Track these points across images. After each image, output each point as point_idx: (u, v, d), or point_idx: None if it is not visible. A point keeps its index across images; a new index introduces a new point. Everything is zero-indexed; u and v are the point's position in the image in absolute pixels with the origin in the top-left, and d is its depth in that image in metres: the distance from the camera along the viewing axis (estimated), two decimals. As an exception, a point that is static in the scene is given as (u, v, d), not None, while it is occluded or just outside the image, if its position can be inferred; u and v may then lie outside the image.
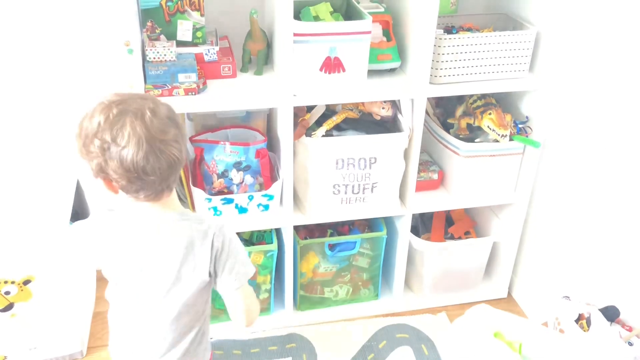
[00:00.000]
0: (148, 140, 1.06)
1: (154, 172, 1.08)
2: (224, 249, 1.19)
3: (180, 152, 1.12)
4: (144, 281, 1.20)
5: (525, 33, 1.72)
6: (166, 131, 1.09)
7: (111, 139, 1.06)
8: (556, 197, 1.90)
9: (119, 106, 1.08)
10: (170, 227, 1.18)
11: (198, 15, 1.67)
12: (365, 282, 2.08)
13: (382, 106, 1.80)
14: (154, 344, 1.25)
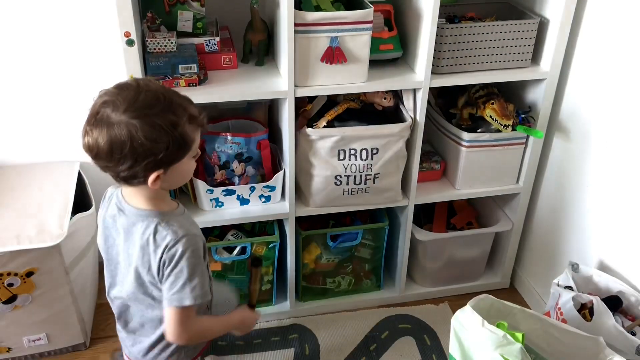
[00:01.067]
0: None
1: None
2: (169, 266, 1.18)
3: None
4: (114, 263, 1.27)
5: (528, 22, 1.71)
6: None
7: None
8: (559, 186, 1.90)
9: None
10: (133, 221, 1.20)
11: (198, 6, 1.66)
12: (367, 273, 2.08)
13: (383, 97, 1.80)
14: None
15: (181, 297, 1.19)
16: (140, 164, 1.10)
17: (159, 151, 1.09)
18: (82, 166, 2.02)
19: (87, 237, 1.89)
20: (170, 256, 1.17)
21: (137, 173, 1.12)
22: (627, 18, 1.53)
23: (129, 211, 1.21)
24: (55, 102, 1.94)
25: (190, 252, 1.18)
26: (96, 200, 1.95)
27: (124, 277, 1.26)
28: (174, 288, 1.19)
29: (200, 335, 1.30)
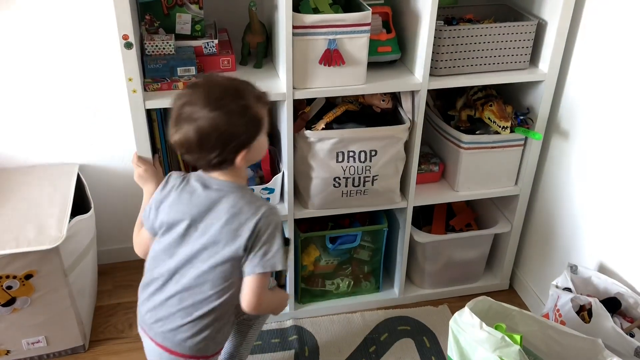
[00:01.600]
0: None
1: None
2: (265, 233, 1.28)
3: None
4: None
5: (526, 24, 1.71)
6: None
7: None
8: (558, 188, 1.90)
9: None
10: (224, 193, 1.30)
11: (197, 8, 1.66)
12: (366, 275, 2.09)
13: (382, 98, 1.80)
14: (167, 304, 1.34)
15: (274, 262, 1.29)
16: (227, 148, 1.24)
17: (239, 134, 1.24)
18: (81, 168, 2.03)
19: (86, 240, 1.89)
20: (266, 224, 1.28)
21: (226, 157, 1.26)
22: (624, 19, 1.54)
23: (218, 185, 1.31)
24: (55, 104, 1.94)
25: (280, 223, 1.33)
26: (95, 202, 1.96)
27: (179, 248, 1.32)
28: (268, 254, 1.28)
29: (267, 304, 1.40)
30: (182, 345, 1.34)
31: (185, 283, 1.32)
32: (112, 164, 2.08)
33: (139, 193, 1.69)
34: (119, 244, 2.25)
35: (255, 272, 1.28)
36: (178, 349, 1.35)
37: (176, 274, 1.33)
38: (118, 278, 2.21)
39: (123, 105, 1.92)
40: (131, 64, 1.48)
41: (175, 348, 1.35)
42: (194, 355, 1.36)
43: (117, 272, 2.23)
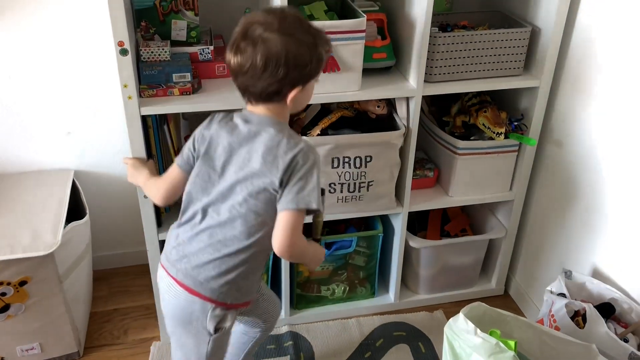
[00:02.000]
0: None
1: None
2: (302, 168, 1.24)
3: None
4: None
5: (520, 31, 1.72)
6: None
7: None
8: (552, 193, 1.91)
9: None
10: (263, 126, 1.28)
11: (192, 15, 1.67)
12: (361, 281, 2.09)
13: (377, 105, 1.80)
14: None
15: (309, 200, 1.24)
16: (288, 77, 1.21)
17: (305, 64, 1.22)
18: (76, 174, 2.02)
19: (81, 246, 1.89)
20: (304, 159, 1.24)
21: (283, 87, 1.23)
22: (617, 26, 1.55)
23: (259, 119, 1.29)
24: (50, 109, 1.94)
25: (319, 165, 1.28)
26: (90, 208, 1.96)
27: (215, 183, 1.30)
28: (303, 191, 1.24)
29: (301, 251, 1.32)
30: (204, 286, 1.29)
31: (217, 218, 1.29)
32: (108, 170, 2.08)
33: (134, 198, 1.70)
34: (115, 249, 2.24)
35: (288, 208, 1.24)
36: (199, 289, 1.30)
37: (210, 210, 1.30)
38: (113, 284, 2.20)
39: (118, 111, 1.92)
40: (127, 71, 1.48)
41: (197, 288, 1.30)
42: (214, 299, 1.31)
43: (112, 278, 2.22)
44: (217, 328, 1.35)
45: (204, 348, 1.37)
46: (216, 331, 1.35)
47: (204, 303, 1.31)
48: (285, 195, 1.24)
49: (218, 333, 1.36)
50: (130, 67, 1.48)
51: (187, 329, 1.36)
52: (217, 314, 1.33)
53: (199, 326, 1.34)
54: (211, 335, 1.35)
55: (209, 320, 1.33)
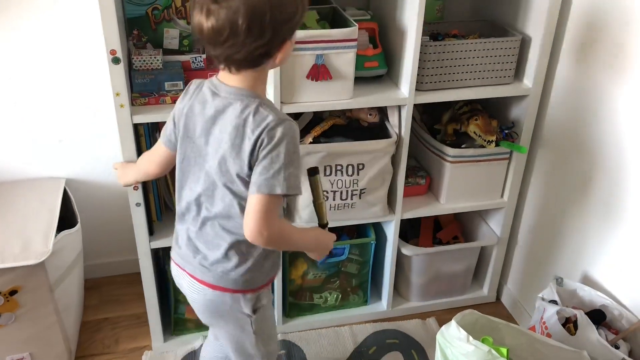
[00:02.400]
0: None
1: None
2: (267, 147, 1.12)
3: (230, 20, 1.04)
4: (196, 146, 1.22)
5: (510, 40, 1.74)
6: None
7: None
8: (543, 201, 1.92)
9: None
10: (232, 100, 1.16)
11: (184, 23, 1.67)
12: (354, 288, 2.09)
13: (369, 113, 1.81)
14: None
15: (273, 183, 1.12)
16: (279, 33, 1.08)
17: (293, 14, 1.08)
18: (67, 183, 2.02)
19: (73, 255, 1.88)
20: (269, 137, 1.12)
21: (272, 48, 1.10)
22: (606, 34, 1.57)
23: (227, 91, 1.16)
24: (42, 117, 1.94)
25: (290, 137, 1.14)
26: (82, 217, 1.95)
27: (202, 169, 1.21)
28: (267, 173, 1.12)
29: (279, 237, 1.19)
30: (224, 279, 1.25)
31: (213, 210, 1.22)
32: (99, 178, 2.08)
33: (126, 206, 1.69)
34: (106, 258, 2.23)
35: (252, 192, 1.14)
36: (222, 282, 1.25)
37: (202, 200, 1.23)
38: (105, 293, 2.19)
39: (110, 119, 1.91)
40: (119, 79, 1.48)
41: (219, 282, 1.25)
42: (240, 289, 1.26)
43: (103, 287, 2.21)
44: (254, 309, 1.32)
45: (250, 329, 1.34)
46: (255, 311, 1.32)
47: (233, 294, 1.27)
48: (254, 177, 1.14)
49: (257, 312, 1.33)
50: (122, 76, 1.48)
51: (225, 318, 1.33)
52: (250, 298, 1.30)
53: (237, 313, 1.31)
54: (251, 317, 1.32)
55: (244, 306, 1.30)
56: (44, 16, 1.79)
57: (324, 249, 1.36)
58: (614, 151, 1.58)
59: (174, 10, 1.64)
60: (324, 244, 1.36)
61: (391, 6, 1.72)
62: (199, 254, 1.27)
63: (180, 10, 1.65)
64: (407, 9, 1.63)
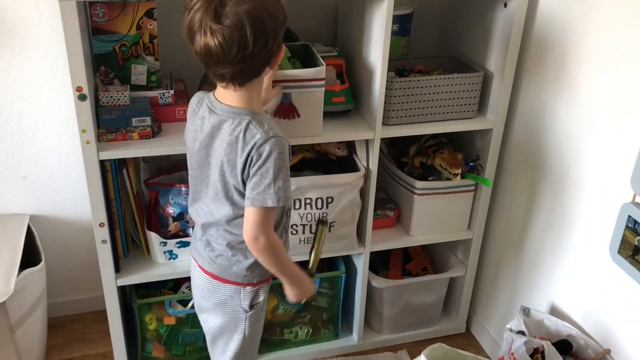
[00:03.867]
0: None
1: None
2: (257, 163, 1.22)
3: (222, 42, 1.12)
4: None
5: (473, 75, 1.79)
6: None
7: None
8: (509, 232, 1.95)
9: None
10: (225, 119, 1.25)
11: (152, 60, 1.68)
12: (325, 322, 2.07)
13: (337, 146, 1.83)
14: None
15: (264, 197, 1.23)
16: (277, 37, 1.17)
17: (284, 18, 1.18)
18: (32, 219, 1.97)
19: (36, 293, 1.83)
20: (258, 154, 1.21)
21: (273, 53, 1.19)
22: (564, 68, 1.62)
23: (221, 109, 1.26)
24: (5, 153, 1.90)
25: (277, 153, 1.22)
26: (46, 253, 1.91)
27: (207, 180, 1.33)
28: (258, 188, 1.23)
29: (274, 248, 1.30)
30: (228, 272, 1.37)
31: (216, 216, 1.34)
32: (64, 214, 2.04)
33: (91, 243, 1.67)
34: (71, 295, 2.18)
35: (246, 205, 1.25)
36: (225, 274, 1.38)
37: (211, 207, 1.34)
38: (69, 331, 2.13)
39: (76, 155, 1.89)
40: (85, 116, 1.47)
41: (222, 274, 1.38)
42: (241, 282, 1.39)
43: (68, 326, 2.15)
44: (252, 305, 1.43)
45: (242, 326, 1.45)
46: (252, 307, 1.43)
47: (233, 287, 1.40)
48: (247, 192, 1.25)
49: (254, 309, 1.44)
50: (88, 112, 1.47)
51: (223, 309, 1.43)
52: (249, 291, 1.41)
53: (235, 306, 1.42)
54: (247, 312, 1.43)
55: (242, 299, 1.41)
56: (8, 51, 1.77)
57: (302, 293, 1.42)
58: (578, 181, 1.62)
59: (142, 47, 1.65)
60: (304, 288, 1.42)
61: (357, 43, 1.76)
62: (208, 246, 1.39)
63: (147, 47, 1.65)
64: (372, 46, 1.66)
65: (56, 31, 1.75)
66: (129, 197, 1.72)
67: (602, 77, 1.50)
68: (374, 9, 1.61)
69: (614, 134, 1.47)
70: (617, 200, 1.44)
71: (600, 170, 1.53)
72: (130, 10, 1.59)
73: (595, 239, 1.57)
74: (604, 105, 1.50)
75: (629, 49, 1.40)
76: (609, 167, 1.50)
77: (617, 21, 1.43)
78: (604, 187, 1.52)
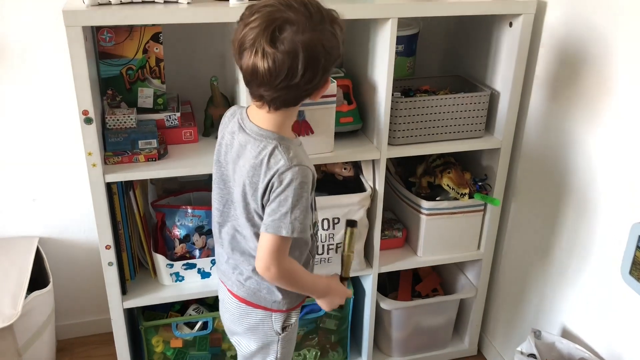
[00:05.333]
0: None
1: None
2: (276, 190, 1.20)
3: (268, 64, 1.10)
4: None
5: (479, 95, 1.78)
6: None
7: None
8: (520, 252, 1.92)
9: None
10: (252, 139, 1.24)
11: (159, 83, 1.69)
12: (333, 345, 2.05)
13: (343, 167, 1.83)
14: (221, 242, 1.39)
15: (279, 225, 1.20)
16: (327, 72, 1.17)
17: (339, 55, 1.17)
18: (41, 241, 1.99)
19: (43, 316, 1.83)
20: (279, 180, 1.19)
21: (317, 87, 1.18)
22: (572, 86, 1.61)
23: (250, 129, 1.24)
24: (15, 176, 1.92)
25: (299, 182, 1.19)
26: (54, 276, 1.91)
27: (231, 198, 1.32)
28: (275, 215, 1.20)
29: (288, 276, 1.27)
30: (257, 296, 1.36)
31: (240, 237, 1.33)
32: (72, 236, 2.05)
33: (98, 265, 1.67)
34: (79, 318, 2.18)
35: (262, 230, 1.23)
36: (254, 299, 1.36)
37: (235, 225, 1.33)
38: (77, 354, 2.13)
39: (84, 178, 1.90)
40: (91, 139, 1.48)
41: (251, 299, 1.36)
42: (270, 308, 1.37)
43: (75, 348, 2.15)
44: (284, 327, 1.41)
45: (275, 349, 1.42)
46: (284, 330, 1.41)
47: (264, 312, 1.38)
48: (265, 218, 1.23)
49: (286, 331, 1.41)
50: (94, 135, 1.48)
51: (254, 332, 1.41)
52: (279, 317, 1.39)
53: (267, 329, 1.40)
54: (279, 335, 1.41)
55: (274, 323, 1.39)
56: (16, 75, 1.80)
57: (334, 301, 1.41)
58: (588, 199, 1.60)
59: (148, 70, 1.67)
60: (336, 296, 1.42)
61: (362, 63, 1.76)
62: (236, 269, 1.38)
63: (154, 70, 1.67)
64: (377, 66, 1.67)
65: (62, 55, 1.78)
66: (135, 219, 1.72)
67: (609, 95, 1.48)
68: (378, 30, 1.62)
69: (625, 151, 1.45)
70: (629, 221, 1.41)
71: (612, 189, 1.51)
72: (136, 35, 1.61)
73: (608, 259, 1.54)
74: (612, 123, 1.48)
75: (637, 67, 1.39)
76: (620, 186, 1.48)
77: (623, 39, 1.42)
78: (615, 207, 1.50)
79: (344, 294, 1.43)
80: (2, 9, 1.71)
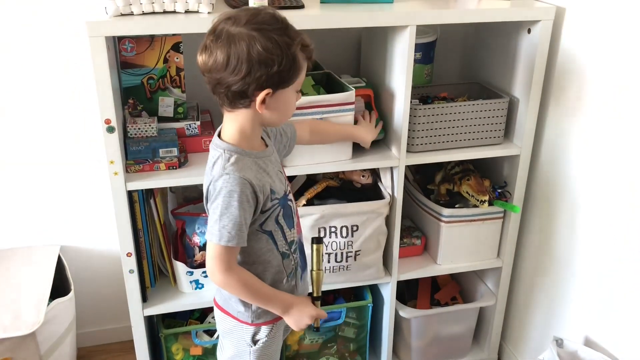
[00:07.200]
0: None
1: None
2: (210, 199, 1.23)
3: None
4: None
5: (498, 102, 1.78)
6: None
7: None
8: (540, 260, 1.91)
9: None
10: (212, 149, 1.28)
11: (179, 92, 1.71)
12: (352, 353, 2.04)
13: (361, 174, 1.83)
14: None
15: (211, 232, 1.22)
16: (253, 76, 1.13)
17: (272, 64, 1.13)
18: (62, 249, 2.01)
19: (65, 323, 1.85)
20: (213, 188, 1.22)
21: (248, 88, 1.15)
22: (591, 93, 1.60)
23: (213, 140, 1.28)
24: (36, 185, 1.95)
25: (227, 191, 1.19)
26: (75, 284, 1.93)
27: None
28: (210, 222, 1.23)
29: (237, 286, 1.26)
30: (227, 303, 1.37)
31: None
32: (94, 245, 2.07)
33: (119, 273, 1.68)
34: (100, 325, 2.20)
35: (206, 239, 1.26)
36: (225, 306, 1.38)
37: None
38: (98, 362, 2.15)
39: (105, 186, 1.92)
40: (113, 147, 1.50)
41: (224, 305, 1.38)
42: (236, 318, 1.37)
43: (96, 356, 2.16)
44: (254, 340, 1.38)
45: (247, 358, 1.40)
46: (255, 343, 1.38)
47: (234, 320, 1.38)
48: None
49: (257, 345, 1.39)
50: (116, 144, 1.50)
51: (229, 339, 1.41)
52: (249, 328, 1.37)
53: (239, 338, 1.39)
54: (251, 347, 1.39)
55: (244, 333, 1.38)
56: (41, 87, 1.83)
57: (302, 319, 1.35)
58: (609, 205, 1.58)
59: (169, 80, 1.69)
60: (302, 314, 1.35)
61: (380, 72, 1.77)
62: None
63: (175, 79, 1.69)
64: (395, 74, 1.67)
65: (84, 65, 1.80)
66: (156, 227, 1.74)
67: (630, 102, 1.47)
68: (396, 38, 1.63)
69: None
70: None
71: (633, 196, 1.49)
72: (157, 45, 1.63)
73: (631, 267, 1.52)
74: (633, 130, 1.47)
75: (658, 72, 1.38)
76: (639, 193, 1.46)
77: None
78: (637, 213, 1.48)
79: (314, 313, 1.36)
80: (2, 8, 1.73)
